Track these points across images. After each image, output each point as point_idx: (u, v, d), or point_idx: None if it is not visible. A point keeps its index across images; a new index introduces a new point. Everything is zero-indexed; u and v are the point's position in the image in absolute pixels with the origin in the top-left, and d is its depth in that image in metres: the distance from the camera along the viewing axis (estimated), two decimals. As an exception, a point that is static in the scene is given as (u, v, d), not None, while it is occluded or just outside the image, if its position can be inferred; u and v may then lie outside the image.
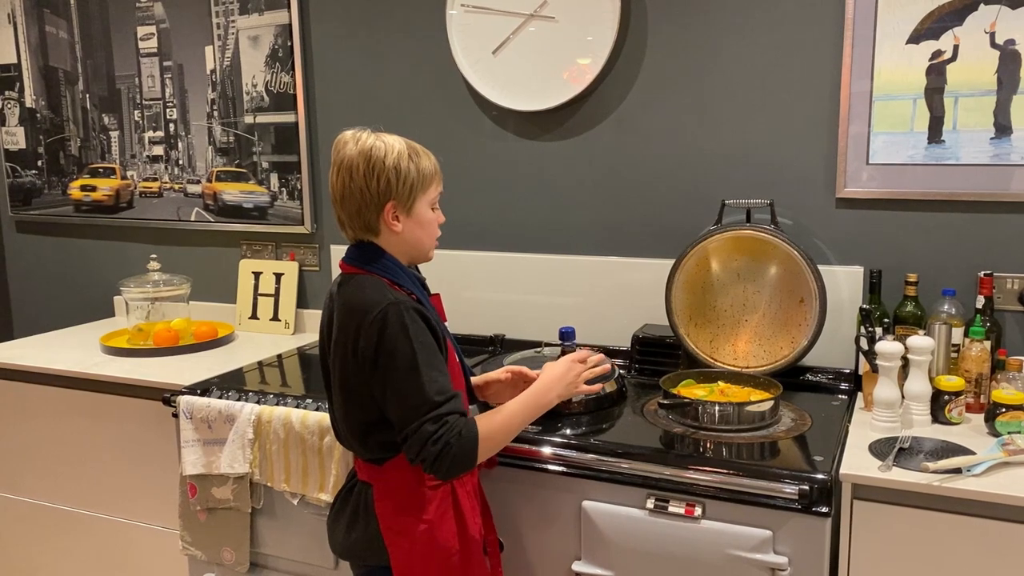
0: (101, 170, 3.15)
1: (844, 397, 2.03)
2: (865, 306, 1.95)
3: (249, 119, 2.83)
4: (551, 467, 1.77)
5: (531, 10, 2.34)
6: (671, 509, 1.66)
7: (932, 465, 1.56)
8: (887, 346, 1.79)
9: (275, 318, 2.85)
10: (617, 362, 2.14)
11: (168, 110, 2.98)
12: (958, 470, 1.57)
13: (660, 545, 1.68)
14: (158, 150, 3.03)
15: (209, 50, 2.86)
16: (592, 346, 2.33)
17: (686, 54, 2.25)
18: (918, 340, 1.81)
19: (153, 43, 2.96)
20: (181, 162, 2.99)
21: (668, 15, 2.25)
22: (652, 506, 1.68)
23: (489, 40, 2.40)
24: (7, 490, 2.67)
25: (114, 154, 3.11)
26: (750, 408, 1.81)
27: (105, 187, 3.14)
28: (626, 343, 2.29)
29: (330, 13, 2.67)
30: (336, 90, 2.71)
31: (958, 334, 1.95)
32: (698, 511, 1.64)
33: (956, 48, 1.98)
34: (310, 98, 2.74)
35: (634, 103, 2.32)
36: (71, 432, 2.50)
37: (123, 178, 3.11)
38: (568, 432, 1.82)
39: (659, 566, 1.69)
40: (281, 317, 2.84)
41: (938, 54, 2.00)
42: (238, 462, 2.06)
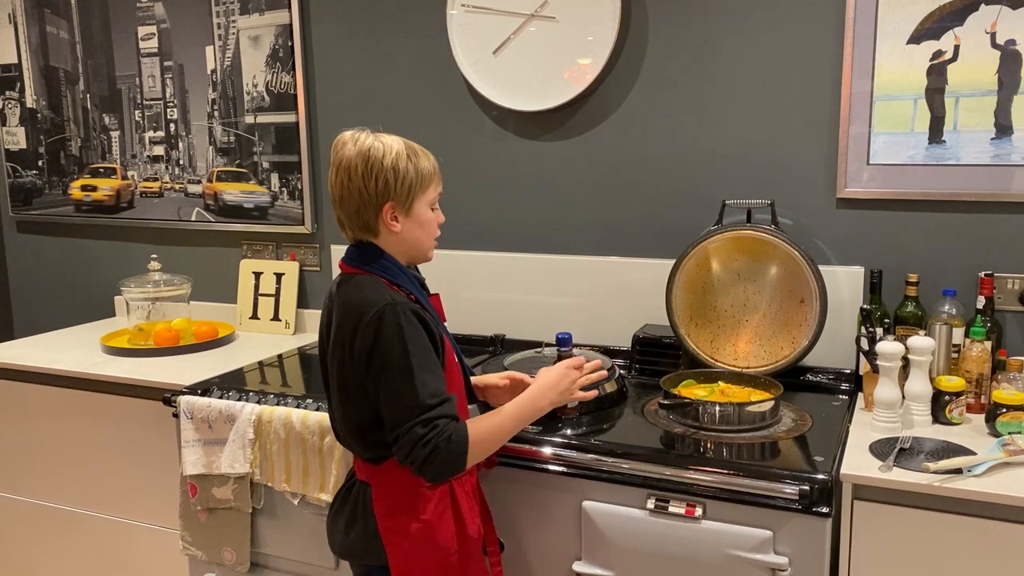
0: (102, 170, 3.15)
1: (845, 397, 2.03)
2: (866, 306, 1.95)
3: (250, 119, 2.83)
4: (551, 467, 1.77)
5: (531, 10, 2.34)
6: (671, 509, 1.66)
7: (933, 465, 1.56)
8: (888, 346, 1.79)
9: (276, 318, 2.85)
10: (617, 362, 2.14)
11: (169, 110, 2.98)
12: (959, 470, 1.57)
13: (660, 545, 1.68)
14: (159, 150, 3.03)
15: (210, 50, 2.86)
16: (592, 346, 2.33)
17: (687, 54, 2.25)
18: (919, 340, 1.81)
19: (154, 43, 2.96)
20: (182, 162, 2.99)
21: (668, 15, 2.25)
22: (652, 506, 1.68)
23: (490, 40, 2.40)
24: (7, 490, 2.67)
25: (115, 154, 3.11)
26: (751, 408, 1.81)
27: (106, 187, 3.14)
28: (626, 343, 2.29)
29: (331, 13, 2.67)
30: (337, 90, 2.71)
31: (959, 334, 1.95)
32: (698, 511, 1.64)
33: (957, 48, 1.98)
34: (311, 98, 2.74)
35: (634, 103, 2.32)
36: (71, 432, 2.50)
37: (124, 178, 3.11)
38: (568, 432, 1.82)
39: (659, 566, 1.69)
40: (282, 317, 2.84)
41: (939, 54, 2.00)
42: (239, 462, 2.06)
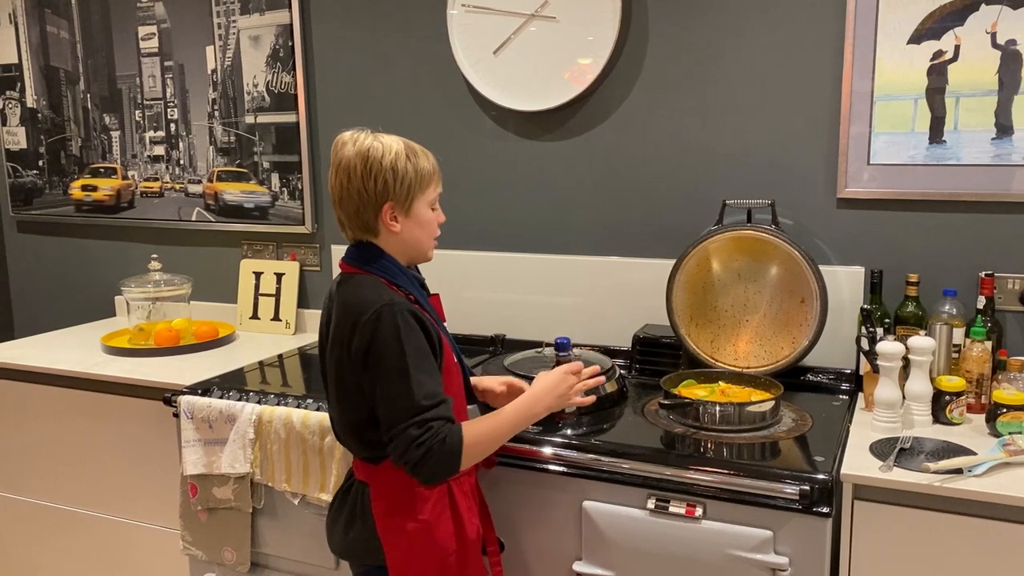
0: (102, 170, 3.15)
1: (845, 397, 2.03)
2: (866, 306, 1.95)
3: (250, 119, 2.83)
4: (551, 467, 1.77)
5: (532, 10, 2.34)
6: (672, 509, 1.66)
7: (933, 465, 1.56)
8: (888, 346, 1.79)
9: (276, 318, 2.85)
10: (618, 362, 2.13)
11: (169, 110, 2.98)
12: (959, 470, 1.57)
13: (661, 545, 1.68)
14: (159, 150, 3.03)
15: (210, 50, 2.86)
16: (592, 346, 2.33)
17: (687, 54, 2.25)
18: (919, 340, 1.81)
19: (154, 43, 2.96)
20: (182, 162, 2.99)
21: (669, 15, 2.25)
22: (653, 506, 1.68)
23: (490, 40, 2.40)
24: (7, 490, 2.67)
25: (115, 154, 3.11)
26: (751, 408, 1.81)
27: (106, 187, 3.14)
28: (627, 343, 2.29)
29: (331, 13, 2.67)
30: (337, 90, 2.71)
31: (959, 334, 1.95)
32: (699, 511, 1.64)
33: (957, 48, 1.98)
34: (311, 98, 2.74)
35: (635, 103, 2.32)
36: (72, 432, 2.50)
37: (124, 178, 3.11)
38: (568, 432, 1.82)
39: (660, 566, 1.69)
40: (282, 317, 2.84)
41: (939, 54, 2.00)
42: (239, 462, 2.06)
